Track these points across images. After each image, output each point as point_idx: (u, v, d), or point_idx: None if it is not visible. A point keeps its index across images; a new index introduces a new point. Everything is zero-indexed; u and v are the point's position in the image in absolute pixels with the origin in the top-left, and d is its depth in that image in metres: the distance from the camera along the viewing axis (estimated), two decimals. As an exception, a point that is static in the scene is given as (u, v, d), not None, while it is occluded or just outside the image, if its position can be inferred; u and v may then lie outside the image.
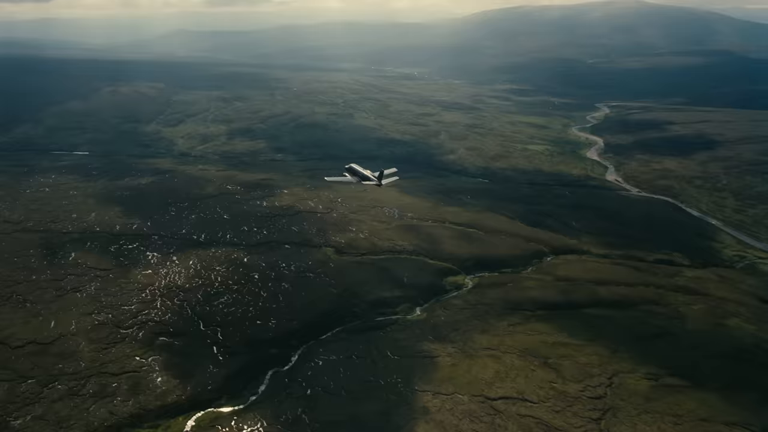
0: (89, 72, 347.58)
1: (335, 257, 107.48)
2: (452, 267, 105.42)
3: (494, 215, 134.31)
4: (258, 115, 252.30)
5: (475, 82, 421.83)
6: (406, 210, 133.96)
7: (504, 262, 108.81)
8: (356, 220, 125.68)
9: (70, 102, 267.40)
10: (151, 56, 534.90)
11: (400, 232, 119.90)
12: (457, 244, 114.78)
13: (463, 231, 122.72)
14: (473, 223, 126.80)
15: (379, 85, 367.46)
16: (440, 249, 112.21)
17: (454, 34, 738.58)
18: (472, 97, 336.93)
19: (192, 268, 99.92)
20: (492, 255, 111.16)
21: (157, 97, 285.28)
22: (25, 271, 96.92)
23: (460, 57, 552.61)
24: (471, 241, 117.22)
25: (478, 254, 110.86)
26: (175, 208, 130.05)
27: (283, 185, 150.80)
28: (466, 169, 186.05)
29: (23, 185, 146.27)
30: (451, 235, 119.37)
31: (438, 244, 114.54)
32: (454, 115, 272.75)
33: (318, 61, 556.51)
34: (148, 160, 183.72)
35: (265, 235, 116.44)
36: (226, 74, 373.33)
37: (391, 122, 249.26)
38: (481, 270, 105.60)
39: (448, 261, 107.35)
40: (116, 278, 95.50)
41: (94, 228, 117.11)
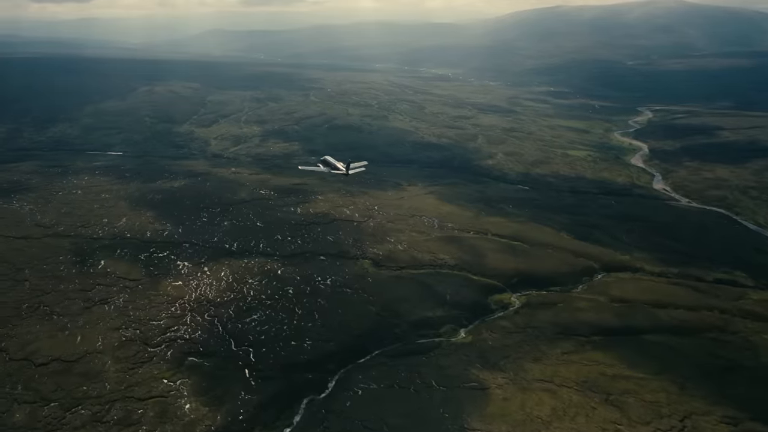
0: (126, 71, 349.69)
1: (373, 271, 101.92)
2: (497, 284, 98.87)
3: (538, 227, 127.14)
4: (292, 116, 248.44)
5: (510, 83, 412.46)
6: (447, 220, 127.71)
7: (552, 279, 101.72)
8: (394, 230, 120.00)
9: (107, 101, 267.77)
10: (187, 56, 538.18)
11: (441, 244, 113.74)
12: (502, 259, 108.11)
13: (507, 244, 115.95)
14: (517, 236, 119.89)
15: (414, 86, 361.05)
16: (484, 264, 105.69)
17: (487, 35, 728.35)
18: (509, 99, 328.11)
19: (224, 280, 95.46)
20: (539, 271, 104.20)
21: (191, 97, 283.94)
22: (53, 279, 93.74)
23: (494, 58, 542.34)
24: (516, 256, 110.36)
25: (524, 270, 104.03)
26: (207, 214, 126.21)
27: (318, 191, 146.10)
28: (506, 175, 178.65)
29: (56, 187, 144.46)
30: (494, 249, 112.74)
31: (481, 258, 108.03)
32: (491, 118, 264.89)
33: (352, 61, 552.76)
34: (181, 161, 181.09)
35: (300, 245, 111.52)
36: (260, 74, 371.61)
37: (427, 125, 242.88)
38: (528, 288, 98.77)
39: (493, 277, 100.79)
40: (145, 290, 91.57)
41: (125, 234, 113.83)
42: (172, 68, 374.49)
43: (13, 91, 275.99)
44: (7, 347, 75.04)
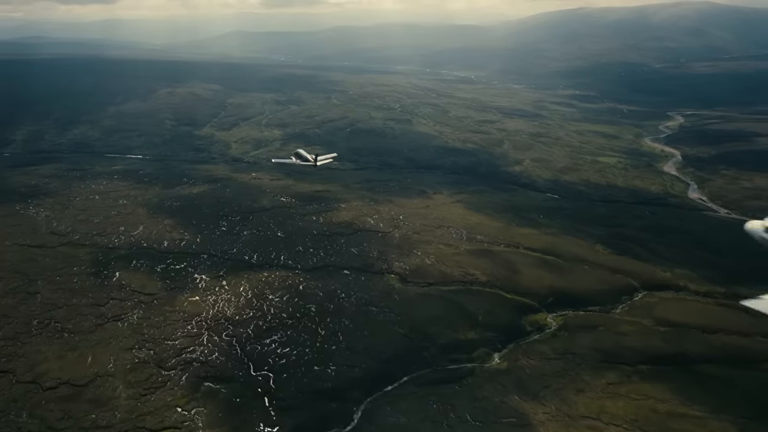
0: (148, 72, 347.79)
1: (400, 287, 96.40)
2: (532, 303, 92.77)
3: (572, 239, 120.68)
4: (313, 120, 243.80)
5: (535, 86, 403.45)
6: (475, 231, 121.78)
7: (589, 298, 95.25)
8: (421, 242, 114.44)
9: (128, 103, 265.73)
10: (209, 57, 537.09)
11: (471, 258, 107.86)
12: (536, 275, 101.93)
13: (540, 258, 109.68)
14: (550, 249, 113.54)
15: (437, 88, 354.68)
16: (517, 280, 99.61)
17: (510, 37, 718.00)
18: (534, 103, 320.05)
19: (243, 296, 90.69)
20: (575, 289, 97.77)
21: (211, 99, 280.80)
22: (66, 293, 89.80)
23: (518, 60, 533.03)
24: (550, 272, 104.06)
25: (559, 288, 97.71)
26: (227, 223, 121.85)
27: (341, 198, 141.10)
28: (534, 183, 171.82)
29: (74, 192, 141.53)
30: (527, 264, 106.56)
31: (514, 274, 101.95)
32: (516, 122, 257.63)
33: (373, 63, 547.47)
34: (200, 165, 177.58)
35: (322, 257, 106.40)
36: (281, 76, 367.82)
37: (451, 129, 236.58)
38: (564, 307, 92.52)
39: (527, 296, 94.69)
40: (161, 305, 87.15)
41: (141, 243, 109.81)
42: (193, 69, 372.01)
43: (35, 92, 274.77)
44: (15, 368, 70.91)
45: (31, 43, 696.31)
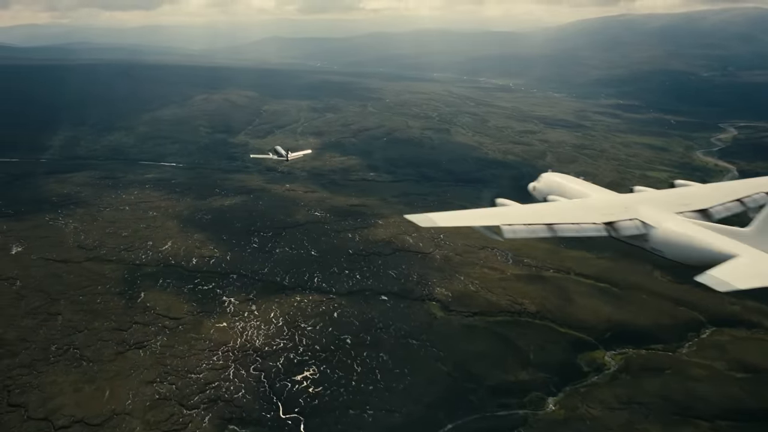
0: (185, 78, 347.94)
1: (442, 316, 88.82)
2: (587, 338, 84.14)
3: (627, 264, 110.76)
4: (349, 128, 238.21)
5: (576, 95, 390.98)
6: (522, 253, 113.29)
7: (651, 333, 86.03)
8: (464, 264, 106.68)
9: (163, 109, 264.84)
10: (245, 62, 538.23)
11: (519, 284, 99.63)
12: (590, 306, 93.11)
13: (593, 286, 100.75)
14: (605, 276, 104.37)
15: (475, 97, 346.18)
16: (570, 311, 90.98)
17: (548, 44, 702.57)
18: (576, 112, 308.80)
19: (273, 322, 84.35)
20: (635, 323, 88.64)
21: (247, 106, 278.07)
22: (88, 314, 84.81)
23: (557, 68, 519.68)
24: (606, 301, 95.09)
25: (617, 321, 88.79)
26: (258, 239, 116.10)
27: (378, 213, 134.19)
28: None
29: (104, 202, 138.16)
30: (580, 292, 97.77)
31: (566, 304, 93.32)
32: (558, 133, 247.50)
33: (409, 69, 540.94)
34: (234, 175, 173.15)
35: (358, 280, 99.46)
36: (317, 83, 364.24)
37: (491, 140, 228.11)
38: (623, 344, 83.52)
39: (582, 330, 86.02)
40: (186, 332, 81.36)
41: (169, 260, 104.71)
42: (230, 75, 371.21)
43: (74, 97, 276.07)
44: (28, 402, 65.71)
45: (75, 48, 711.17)
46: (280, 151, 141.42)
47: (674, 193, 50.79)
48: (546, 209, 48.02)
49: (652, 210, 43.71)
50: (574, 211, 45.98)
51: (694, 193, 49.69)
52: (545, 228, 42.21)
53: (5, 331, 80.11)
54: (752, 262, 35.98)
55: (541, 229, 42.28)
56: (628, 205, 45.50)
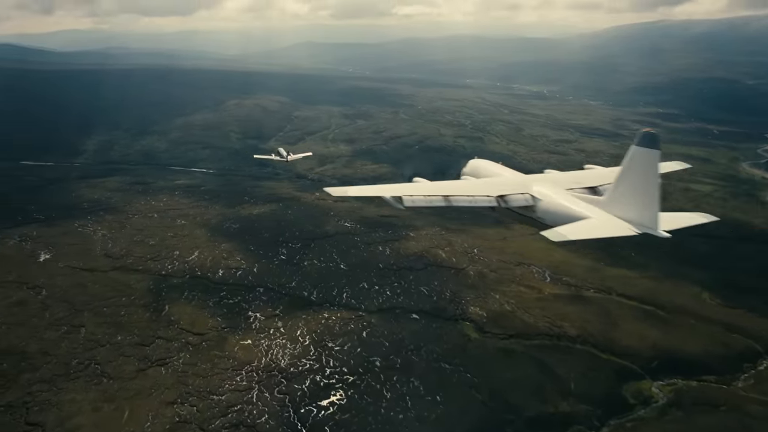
0: (218, 83, 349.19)
1: (476, 338, 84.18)
2: (632, 367, 78.56)
3: (673, 284, 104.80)
4: (381, 135, 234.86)
5: (613, 103, 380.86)
6: (560, 270, 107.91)
7: (702, 363, 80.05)
8: (499, 282, 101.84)
9: (196, 114, 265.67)
10: (278, 67, 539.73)
11: (557, 304, 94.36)
12: (635, 330, 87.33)
13: (638, 308, 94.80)
14: (649, 297, 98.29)
15: (509, 104, 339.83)
16: (613, 337, 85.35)
17: (584, 50, 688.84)
18: (613, 121, 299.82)
19: (299, 341, 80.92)
20: (683, 350, 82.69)
21: (278, 111, 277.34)
22: (111, 327, 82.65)
23: (592, 75, 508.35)
24: (651, 325, 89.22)
25: (664, 348, 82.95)
26: (287, 251, 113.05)
27: (409, 225, 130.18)
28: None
29: (134, 208, 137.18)
30: (623, 315, 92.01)
31: (609, 327, 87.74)
32: (596, 142, 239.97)
33: (442, 75, 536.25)
34: (264, 182, 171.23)
35: (389, 297, 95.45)
36: (349, 89, 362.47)
37: (526, 149, 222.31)
38: (672, 373, 77.80)
39: (626, 357, 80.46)
40: (209, 348, 78.47)
41: (195, 271, 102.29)
42: (262, 81, 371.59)
43: (110, 101, 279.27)
44: (46, 421, 63.41)
45: (114, 53, 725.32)
46: (282, 153, 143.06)
47: (574, 174, 54.65)
48: (449, 185, 51.12)
49: (544, 187, 48.29)
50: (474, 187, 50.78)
51: (592, 174, 53.64)
52: (441, 198, 46.59)
53: (28, 343, 78.41)
54: (595, 221, 42.64)
55: (437, 199, 46.60)
56: (526, 183, 49.83)
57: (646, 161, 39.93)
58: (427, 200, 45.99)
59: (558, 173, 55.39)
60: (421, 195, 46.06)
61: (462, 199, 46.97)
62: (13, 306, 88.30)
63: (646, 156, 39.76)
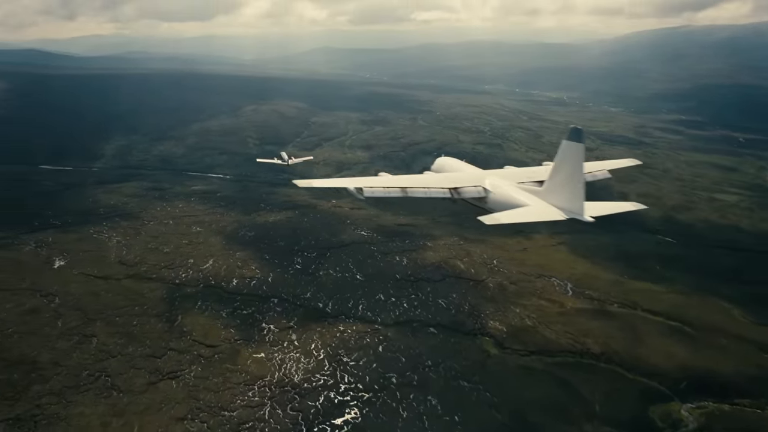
0: (236, 88, 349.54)
1: (496, 354, 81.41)
2: (660, 388, 75.24)
3: (701, 299, 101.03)
4: (399, 142, 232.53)
5: (635, 110, 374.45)
6: (582, 283, 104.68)
7: (735, 384, 76.35)
8: (519, 295, 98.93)
9: (213, 120, 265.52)
10: (295, 73, 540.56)
11: (580, 319, 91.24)
12: (662, 348, 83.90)
13: (664, 324, 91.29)
14: (676, 313, 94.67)
15: (528, 110, 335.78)
16: (639, 354, 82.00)
17: (605, 56, 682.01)
18: (636, 128, 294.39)
19: (314, 355, 78.83)
20: (714, 371, 79.13)
21: (295, 117, 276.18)
22: (123, 338, 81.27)
23: (613, 81, 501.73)
24: (679, 343, 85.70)
25: (693, 367, 79.53)
26: (302, 260, 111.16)
27: (427, 234, 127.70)
28: (643, 222, 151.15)
29: (149, 215, 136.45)
30: (649, 331, 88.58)
31: (634, 345, 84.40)
32: (617, 150, 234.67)
33: (461, 81, 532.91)
34: (280, 189, 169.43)
35: (406, 309, 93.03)
36: (366, 94, 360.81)
37: (546, 156, 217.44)
38: (702, 396, 74.28)
39: (653, 376, 77.12)
40: (222, 361, 76.67)
41: (209, 280, 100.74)
42: (280, 86, 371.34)
43: (129, 106, 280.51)
44: (53, 436, 61.94)
45: (134, 57, 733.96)
46: (284, 156, 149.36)
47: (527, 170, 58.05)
48: (408, 178, 54.56)
49: (496, 180, 52.67)
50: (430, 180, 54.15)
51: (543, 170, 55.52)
52: (399, 190, 50.17)
53: (39, 353, 77.27)
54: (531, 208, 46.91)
55: (395, 190, 50.13)
56: (481, 177, 53.98)
57: (573, 154, 44.61)
58: (385, 191, 49.61)
59: (514, 169, 59.52)
60: (380, 186, 49.67)
61: (418, 191, 50.65)
62: (26, 314, 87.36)
63: (573, 149, 44.49)
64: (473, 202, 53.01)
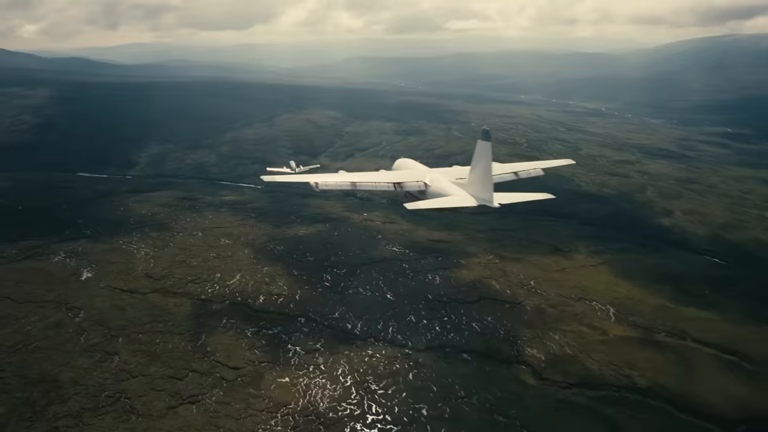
0: (270, 96, 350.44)
1: (534, 385, 76.24)
2: (716, 431, 69.02)
3: (758, 330, 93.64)
4: (432, 153, 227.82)
5: (677, 122, 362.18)
6: (625, 308, 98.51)
7: (800, 430, 69.88)
8: (558, 320, 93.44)
9: (247, 128, 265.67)
10: (330, 81, 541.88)
11: (624, 348, 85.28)
12: (716, 385, 77.41)
13: (717, 357, 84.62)
14: (730, 344, 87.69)
15: (565, 122, 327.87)
16: (691, 392, 75.71)
17: (645, 66, 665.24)
18: (679, 141, 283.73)
19: (340, 380, 74.99)
20: (775, 412, 72.66)
21: (329, 126, 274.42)
22: (145, 357, 78.77)
23: (654, 92, 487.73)
24: (735, 380, 78.94)
25: (753, 408, 72.78)
26: (331, 276, 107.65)
27: (461, 251, 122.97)
28: (688, 241, 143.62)
29: (179, 225, 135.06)
30: (701, 366, 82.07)
31: (686, 380, 78.12)
32: (659, 164, 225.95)
33: (495, 91, 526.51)
34: (311, 200, 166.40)
35: (438, 333, 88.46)
36: (400, 104, 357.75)
37: (584, 170, 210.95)
38: (763, 441, 68.08)
39: (708, 418, 70.77)
40: (244, 385, 73.39)
41: (236, 296, 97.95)
42: (314, 95, 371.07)
43: (165, 114, 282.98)
44: (67, 463, 59.36)
45: (173, 66, 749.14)
46: (292, 165, 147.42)
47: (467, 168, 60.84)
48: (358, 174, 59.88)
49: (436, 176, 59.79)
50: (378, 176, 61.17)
51: None
52: (349, 183, 56.73)
53: (60, 371, 75.24)
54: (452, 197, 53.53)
55: (345, 183, 56.76)
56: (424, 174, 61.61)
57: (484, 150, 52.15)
58: (337, 185, 56.73)
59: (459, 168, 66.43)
60: (333, 181, 56.61)
61: (366, 185, 58.00)
62: (49, 328, 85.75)
63: (483, 147, 51.97)
64: (417, 195, 58.94)
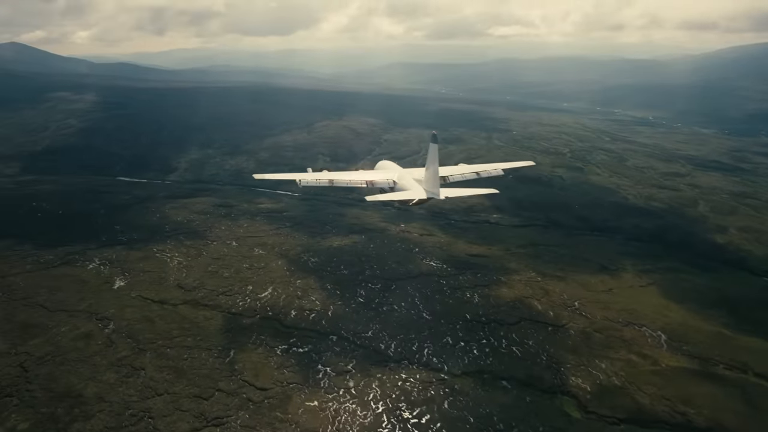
0: (311, 102, 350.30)
1: (579, 419, 70.76)
2: (782, 479, 62.59)
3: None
4: (472, 163, 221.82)
5: (730, 132, 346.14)
6: (678, 335, 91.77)
7: None
8: (604, 345, 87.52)
9: (285, 135, 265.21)
10: (370, 87, 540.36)
11: (678, 381, 78.96)
12: (782, 426, 70.76)
13: (782, 394, 77.72)
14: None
15: (611, 131, 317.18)
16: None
17: (694, 73, 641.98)
18: (732, 153, 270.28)
19: (371, 407, 71.01)
20: None
21: (367, 134, 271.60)
22: (172, 373, 76.38)
23: (705, 100, 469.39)
24: (804, 421, 72.13)
25: (822, 453, 66.16)
26: (365, 292, 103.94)
27: (501, 267, 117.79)
28: (745, 261, 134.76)
29: (213, 234, 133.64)
30: (766, 405, 75.25)
31: (751, 421, 71.24)
32: (711, 177, 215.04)
33: (538, 98, 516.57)
34: (348, 209, 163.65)
35: (476, 356, 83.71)
36: (440, 111, 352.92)
37: (630, 182, 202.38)
38: (836, 490, 61.22)
39: (774, 464, 64.50)
40: (271, 408, 70.12)
41: (267, 311, 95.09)
42: (353, 101, 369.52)
43: (206, 119, 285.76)
44: (85, 488, 57.00)
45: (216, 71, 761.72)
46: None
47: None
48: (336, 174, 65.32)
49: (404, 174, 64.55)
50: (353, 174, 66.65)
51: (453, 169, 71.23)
52: (327, 181, 62.42)
53: (86, 385, 73.46)
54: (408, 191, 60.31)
55: (324, 181, 62.37)
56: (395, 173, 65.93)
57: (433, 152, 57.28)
58: (316, 182, 61.97)
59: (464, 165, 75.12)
60: (313, 179, 62.17)
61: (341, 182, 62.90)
62: (79, 339, 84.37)
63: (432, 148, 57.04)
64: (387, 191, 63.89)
